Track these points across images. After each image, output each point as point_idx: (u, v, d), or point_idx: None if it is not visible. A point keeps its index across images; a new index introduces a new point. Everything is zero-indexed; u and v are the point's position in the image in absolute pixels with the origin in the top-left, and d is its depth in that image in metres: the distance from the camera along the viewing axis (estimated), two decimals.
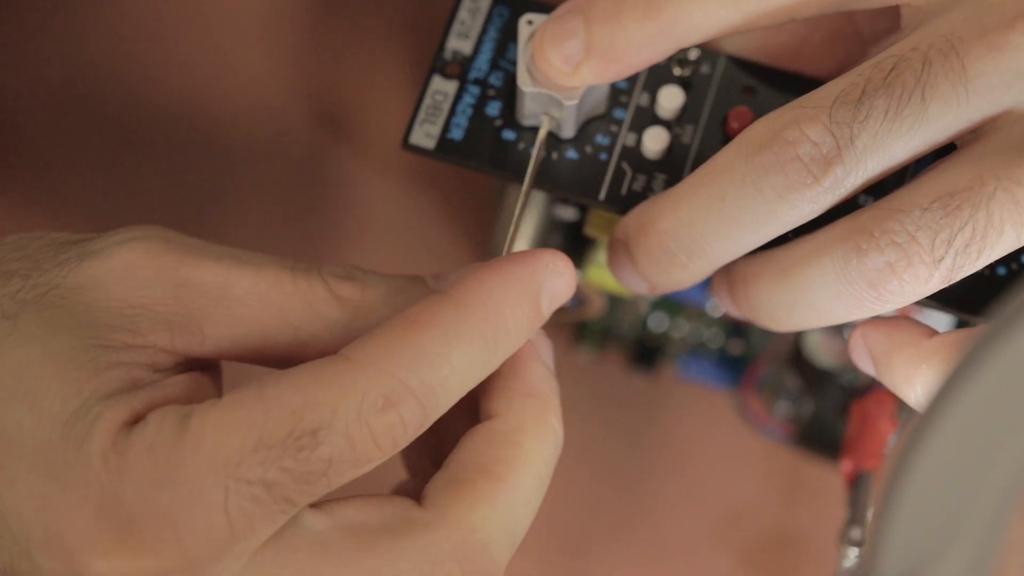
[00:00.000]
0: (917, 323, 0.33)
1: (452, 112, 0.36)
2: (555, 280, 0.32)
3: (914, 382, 0.33)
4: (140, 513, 0.28)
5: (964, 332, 0.33)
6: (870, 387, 0.42)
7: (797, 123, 0.31)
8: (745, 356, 0.44)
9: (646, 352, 0.44)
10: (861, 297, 0.32)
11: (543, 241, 0.40)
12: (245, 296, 0.31)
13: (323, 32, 0.47)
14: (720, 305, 0.36)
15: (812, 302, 0.32)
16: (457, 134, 0.36)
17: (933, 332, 0.33)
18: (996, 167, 0.31)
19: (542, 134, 0.35)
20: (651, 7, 0.32)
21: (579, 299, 0.42)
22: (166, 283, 0.31)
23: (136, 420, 0.29)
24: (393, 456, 0.30)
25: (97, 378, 0.29)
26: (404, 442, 0.29)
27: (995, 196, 0.31)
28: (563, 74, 0.33)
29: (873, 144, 0.31)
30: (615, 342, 0.45)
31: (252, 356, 0.31)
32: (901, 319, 0.34)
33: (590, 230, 0.38)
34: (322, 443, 0.28)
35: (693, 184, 0.33)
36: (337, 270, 0.32)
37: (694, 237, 0.33)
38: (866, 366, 0.34)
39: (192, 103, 0.46)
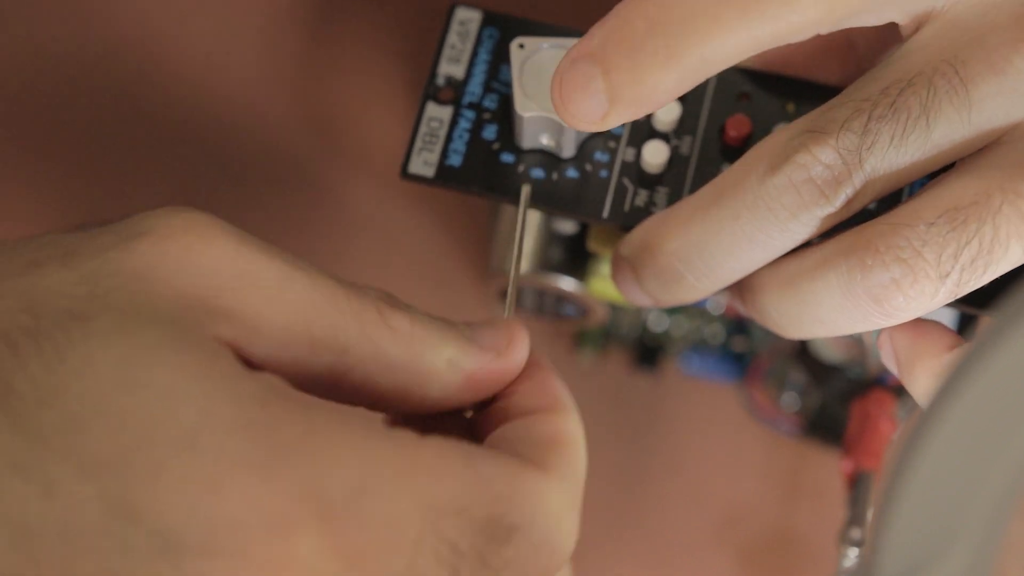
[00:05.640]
0: (943, 330, 0.33)
1: (449, 138, 0.35)
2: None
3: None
4: (340, 507, 0.26)
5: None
6: (872, 385, 0.42)
7: (806, 146, 0.31)
8: (748, 352, 0.44)
9: (648, 352, 0.44)
10: (866, 312, 0.32)
11: (543, 255, 0.40)
12: (299, 301, 0.29)
13: (321, 45, 0.47)
14: (731, 305, 0.36)
15: (817, 314, 0.32)
16: (456, 160, 0.35)
17: (958, 340, 0.33)
18: (1002, 181, 0.31)
19: (522, 209, 0.34)
20: (672, 51, 0.31)
21: (582, 309, 0.41)
22: (224, 273, 0.28)
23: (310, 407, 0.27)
24: None
25: (217, 360, 0.27)
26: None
27: (1001, 211, 0.31)
28: (591, 125, 0.32)
29: (882, 166, 0.31)
30: (616, 343, 0.45)
31: (295, 369, 0.29)
32: (928, 323, 0.34)
33: (593, 245, 0.37)
34: (513, 543, 0.28)
35: (702, 203, 0.33)
36: (385, 296, 0.30)
37: (704, 257, 0.33)
38: (892, 368, 0.34)
39: (188, 108, 0.46)
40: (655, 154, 0.35)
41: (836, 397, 0.43)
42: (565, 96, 0.32)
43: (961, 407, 0.22)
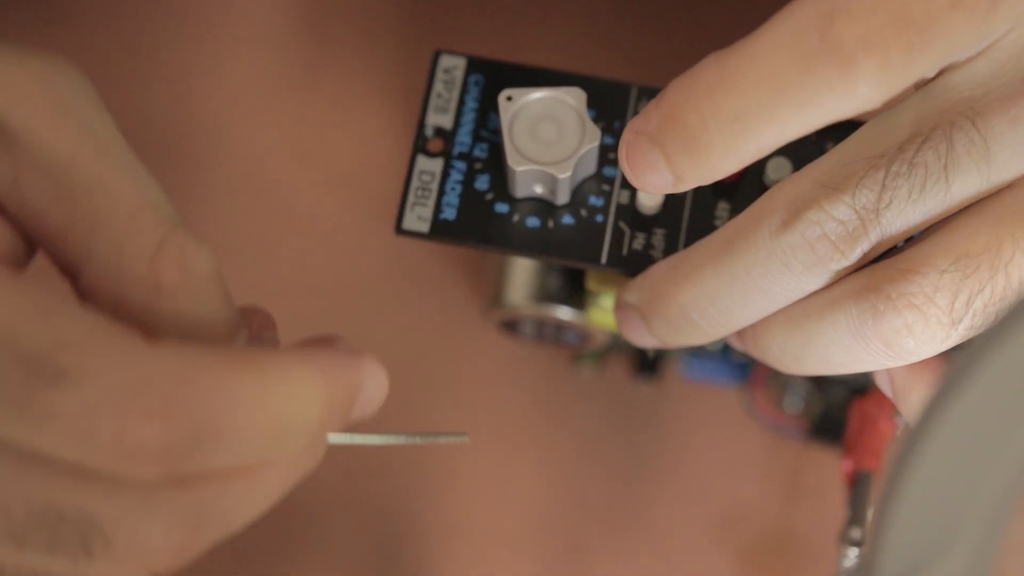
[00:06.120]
0: (940, 359, 0.33)
1: (441, 191, 0.35)
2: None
3: None
4: None
5: None
6: (873, 386, 0.42)
7: (819, 203, 0.31)
8: (749, 359, 0.44)
9: (648, 361, 0.44)
10: (875, 354, 0.32)
11: (541, 284, 0.39)
12: (87, 182, 0.28)
13: (314, 73, 0.47)
14: (729, 343, 0.36)
15: (823, 354, 0.32)
16: (450, 214, 0.35)
17: None
18: (1014, 229, 0.31)
19: None
20: (730, 143, 0.30)
21: (582, 336, 0.41)
22: (32, 116, 0.28)
23: None
24: None
25: None
26: None
27: (1013, 259, 0.31)
28: (665, 192, 0.32)
29: (898, 220, 0.31)
30: (616, 353, 0.45)
31: (41, 231, 0.28)
32: None
33: (591, 286, 0.37)
34: (60, 390, 0.25)
35: (712, 255, 0.33)
36: (189, 245, 0.28)
37: (719, 308, 0.33)
38: (888, 392, 0.34)
39: (181, 116, 0.46)
40: (650, 196, 0.34)
41: (840, 401, 0.42)
42: (634, 171, 0.32)
43: (961, 407, 0.22)
